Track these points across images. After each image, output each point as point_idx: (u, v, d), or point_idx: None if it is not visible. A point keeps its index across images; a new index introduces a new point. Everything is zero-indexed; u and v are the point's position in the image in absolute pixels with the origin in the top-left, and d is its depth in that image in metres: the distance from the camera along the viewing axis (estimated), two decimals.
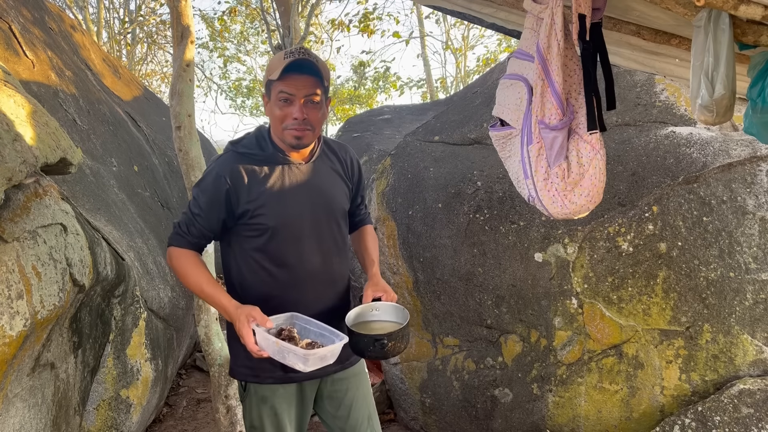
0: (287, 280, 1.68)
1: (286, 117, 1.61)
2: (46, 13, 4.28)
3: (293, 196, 1.68)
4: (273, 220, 1.65)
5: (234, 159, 1.67)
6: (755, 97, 1.37)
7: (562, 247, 2.85)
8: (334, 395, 1.83)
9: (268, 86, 1.65)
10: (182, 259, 1.68)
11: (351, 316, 1.65)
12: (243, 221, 1.66)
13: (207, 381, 4.03)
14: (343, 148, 1.88)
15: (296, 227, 1.68)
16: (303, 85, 1.60)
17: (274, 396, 1.73)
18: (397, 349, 1.58)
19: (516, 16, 2.02)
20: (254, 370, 1.71)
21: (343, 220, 1.82)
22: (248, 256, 1.69)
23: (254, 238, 1.67)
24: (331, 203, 1.75)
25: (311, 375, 1.72)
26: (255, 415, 1.74)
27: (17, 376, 1.74)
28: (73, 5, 11.55)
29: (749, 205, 2.66)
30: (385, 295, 1.70)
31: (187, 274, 1.66)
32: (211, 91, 20.89)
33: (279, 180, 1.67)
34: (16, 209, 1.73)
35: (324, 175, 1.76)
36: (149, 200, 4.13)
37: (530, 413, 2.92)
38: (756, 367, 2.60)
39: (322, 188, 1.74)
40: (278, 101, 1.61)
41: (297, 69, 1.58)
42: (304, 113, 1.60)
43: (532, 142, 1.55)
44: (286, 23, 7.79)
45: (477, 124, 3.59)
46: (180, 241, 1.69)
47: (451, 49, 14.26)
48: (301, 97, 1.60)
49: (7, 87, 1.84)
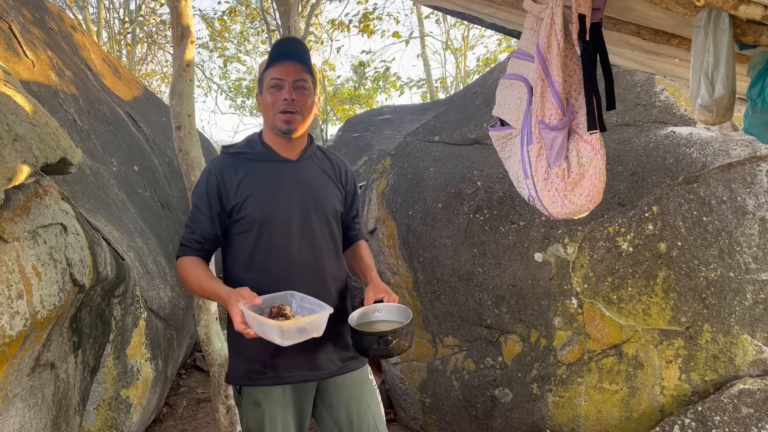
0: (278, 276, 1.67)
1: (277, 101, 1.67)
2: (46, 13, 4.28)
3: (281, 190, 1.70)
4: (259, 212, 1.67)
5: (224, 158, 1.74)
6: (755, 97, 1.37)
7: (562, 247, 2.85)
8: (335, 403, 1.77)
9: (261, 80, 1.73)
10: (185, 266, 1.70)
11: (354, 317, 1.64)
12: (234, 217, 1.69)
13: (207, 381, 4.03)
14: (338, 158, 1.90)
15: (284, 221, 1.69)
16: (292, 70, 1.67)
17: (267, 400, 1.69)
18: (401, 346, 1.57)
19: (516, 16, 2.02)
20: (247, 372, 1.70)
21: (335, 221, 1.81)
22: (241, 254, 1.71)
23: (245, 234, 1.69)
24: (322, 201, 1.76)
25: (306, 376, 1.71)
26: (250, 420, 1.71)
27: (17, 376, 1.74)
28: (73, 5, 11.55)
29: (749, 205, 2.66)
30: (386, 296, 1.69)
31: (189, 277, 1.68)
32: (211, 91, 20.92)
33: (267, 174, 1.71)
34: (16, 209, 1.73)
35: (314, 174, 1.78)
36: (149, 200, 4.13)
37: (530, 413, 2.92)
38: (756, 367, 2.60)
39: (312, 185, 1.75)
40: (269, 88, 1.69)
41: (285, 56, 1.68)
42: (293, 95, 1.67)
43: (532, 142, 1.56)
44: (286, 23, 7.79)
45: (477, 124, 3.59)
46: (185, 251, 1.72)
47: (451, 49, 14.26)
48: (290, 81, 1.67)
49: (7, 87, 1.84)
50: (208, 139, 11.28)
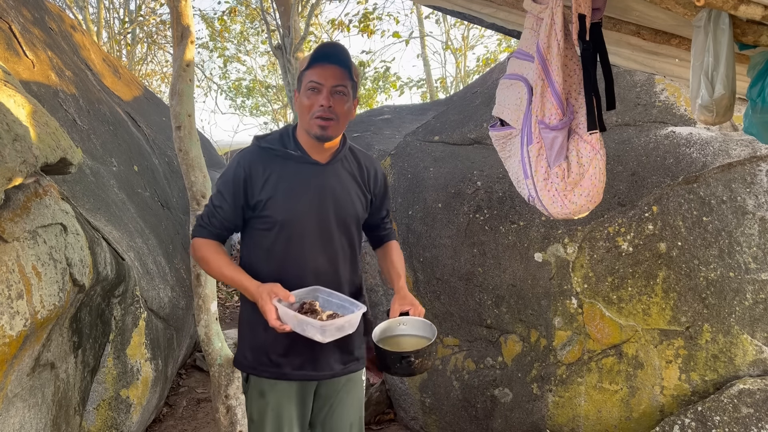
0: (293, 278, 1.68)
1: (313, 105, 1.65)
2: (46, 13, 4.28)
3: (304, 194, 1.70)
4: (281, 215, 1.68)
5: (255, 152, 1.73)
6: (755, 97, 1.37)
7: (562, 247, 2.85)
8: (323, 393, 1.83)
9: (300, 79, 1.70)
10: (203, 248, 1.72)
11: (377, 331, 1.64)
12: (256, 213, 1.70)
13: (207, 381, 4.03)
14: (368, 159, 1.88)
15: (302, 224, 1.70)
16: (331, 74, 1.64)
17: (272, 391, 1.73)
18: (425, 366, 1.56)
19: (516, 16, 2.02)
20: (254, 362, 1.74)
21: (355, 227, 1.80)
22: (259, 252, 1.73)
23: (264, 233, 1.71)
24: (344, 208, 1.75)
25: (308, 376, 1.73)
26: (254, 409, 1.76)
27: (17, 376, 1.74)
28: (73, 5, 11.55)
29: (749, 205, 2.66)
30: (412, 309, 1.69)
31: (209, 261, 1.70)
32: (211, 91, 20.92)
33: (294, 176, 1.70)
34: (16, 209, 1.73)
35: (340, 179, 1.76)
36: (149, 200, 4.13)
37: (530, 413, 2.92)
38: (756, 367, 2.60)
39: (336, 191, 1.74)
40: (306, 90, 1.66)
41: (325, 58, 1.64)
42: (330, 102, 1.64)
43: (532, 142, 1.55)
44: (286, 23, 7.79)
45: (477, 124, 3.59)
46: (202, 232, 1.73)
47: (451, 49, 14.25)
48: (328, 86, 1.63)
49: (7, 87, 1.84)
50: (208, 139, 11.28)
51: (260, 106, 17.91)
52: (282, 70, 8.16)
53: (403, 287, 1.78)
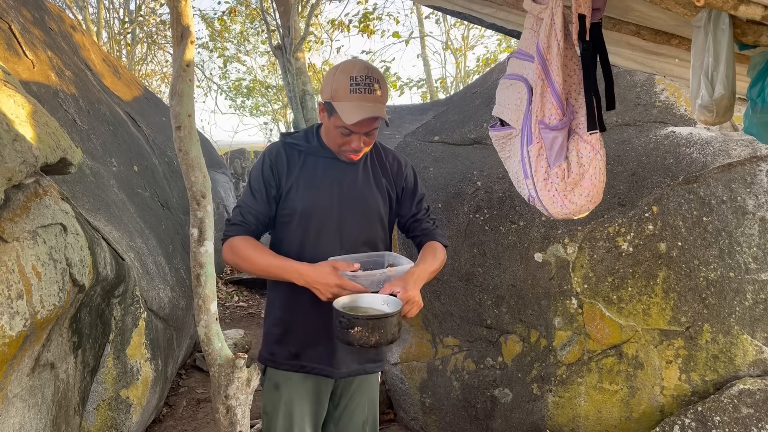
0: None
1: (344, 144, 1.66)
2: (46, 13, 4.28)
3: (324, 187, 1.71)
4: (300, 204, 1.69)
5: (280, 146, 1.76)
6: (755, 97, 1.37)
7: (562, 247, 2.85)
8: (337, 391, 1.84)
9: (331, 103, 1.61)
10: (243, 246, 1.66)
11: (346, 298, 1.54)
12: (279, 205, 1.73)
13: (207, 381, 4.03)
14: (393, 156, 1.85)
15: (320, 217, 1.70)
16: (366, 125, 1.61)
17: (286, 385, 1.75)
18: (363, 338, 1.42)
19: (516, 16, 2.02)
20: (273, 355, 1.77)
21: (378, 224, 1.77)
22: (281, 244, 1.75)
23: (286, 225, 1.73)
24: (364, 202, 1.74)
25: (324, 371, 1.74)
26: (268, 401, 1.78)
27: (17, 376, 1.74)
28: (73, 5, 11.55)
29: (749, 205, 2.66)
30: (402, 291, 1.58)
31: (252, 256, 1.66)
32: (211, 91, 20.92)
33: (316, 170, 1.72)
34: (16, 209, 1.73)
35: (362, 176, 1.76)
36: (149, 200, 4.13)
37: (530, 413, 2.92)
38: (756, 367, 2.60)
39: (356, 185, 1.74)
40: (337, 127, 1.62)
41: (362, 108, 1.57)
42: (362, 145, 1.65)
43: (532, 142, 1.55)
44: (286, 23, 7.78)
45: (477, 124, 3.59)
46: (237, 229, 1.70)
47: (451, 49, 14.27)
48: (362, 132, 1.63)
49: (7, 87, 1.84)
50: (208, 139, 11.29)
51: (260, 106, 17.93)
52: (282, 70, 8.15)
53: (408, 272, 1.65)
